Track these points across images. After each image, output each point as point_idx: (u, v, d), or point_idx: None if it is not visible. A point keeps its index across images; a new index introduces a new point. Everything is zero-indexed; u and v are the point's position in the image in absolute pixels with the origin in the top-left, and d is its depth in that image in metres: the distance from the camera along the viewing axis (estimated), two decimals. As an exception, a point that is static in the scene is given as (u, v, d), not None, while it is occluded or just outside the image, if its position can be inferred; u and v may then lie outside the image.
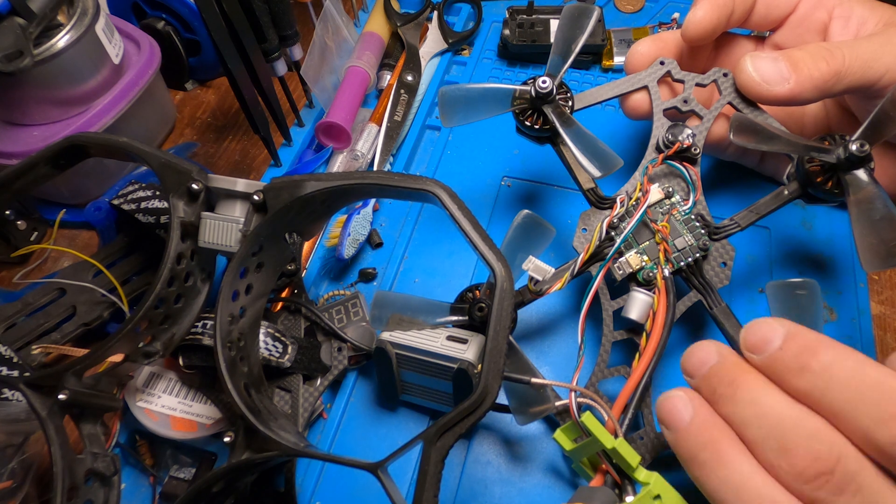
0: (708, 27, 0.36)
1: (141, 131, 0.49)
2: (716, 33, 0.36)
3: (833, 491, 0.22)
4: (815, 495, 0.23)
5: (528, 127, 0.37)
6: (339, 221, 0.42)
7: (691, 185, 0.35)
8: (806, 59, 0.33)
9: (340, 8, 0.50)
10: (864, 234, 0.30)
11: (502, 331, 0.26)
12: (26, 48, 0.38)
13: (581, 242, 0.36)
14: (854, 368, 0.23)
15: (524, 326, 0.40)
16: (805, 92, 0.33)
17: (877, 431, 0.22)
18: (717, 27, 0.36)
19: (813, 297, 0.29)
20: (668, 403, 0.26)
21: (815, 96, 0.33)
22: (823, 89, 0.33)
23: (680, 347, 0.38)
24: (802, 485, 0.23)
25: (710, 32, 0.36)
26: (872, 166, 0.32)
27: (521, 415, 0.33)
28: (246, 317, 0.32)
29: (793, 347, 0.24)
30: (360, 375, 0.38)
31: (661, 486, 0.28)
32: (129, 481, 0.35)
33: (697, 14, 0.36)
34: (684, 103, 0.37)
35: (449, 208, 0.28)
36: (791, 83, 0.33)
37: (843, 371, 0.23)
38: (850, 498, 0.22)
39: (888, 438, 0.21)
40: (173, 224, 0.31)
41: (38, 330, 0.38)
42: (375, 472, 0.25)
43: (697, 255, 0.34)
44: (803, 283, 0.29)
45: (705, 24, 0.36)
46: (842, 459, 0.22)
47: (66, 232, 0.47)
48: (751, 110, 0.36)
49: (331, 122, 0.45)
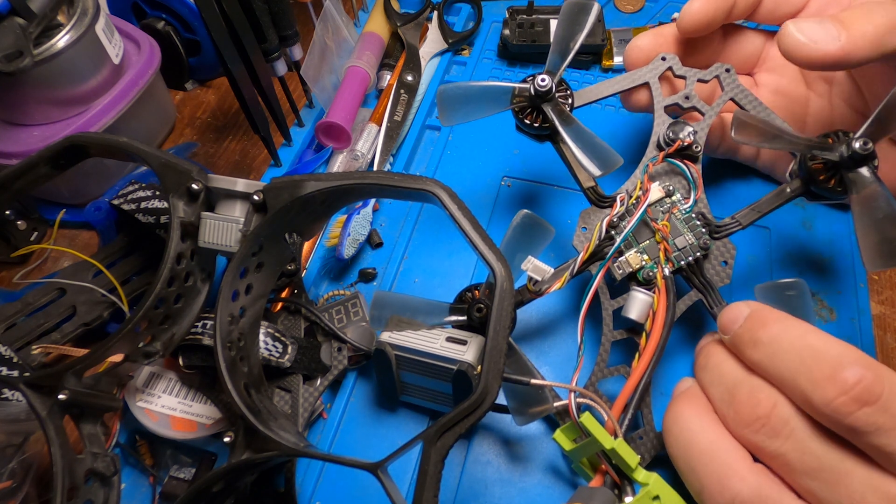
0: (703, 20, 0.35)
1: (141, 131, 0.49)
2: (713, 26, 0.35)
3: (769, 434, 0.25)
4: (755, 438, 0.26)
5: (527, 125, 0.37)
6: (339, 221, 0.42)
7: (692, 183, 0.35)
8: (856, 16, 0.30)
9: (340, 8, 0.50)
10: (867, 233, 0.30)
11: (502, 331, 0.26)
12: (26, 48, 0.38)
13: (581, 241, 0.36)
14: (797, 337, 0.26)
15: (524, 326, 0.40)
16: (858, 50, 0.30)
17: (813, 394, 0.24)
18: (715, 20, 0.35)
19: (802, 297, 0.30)
20: None
21: (870, 54, 0.30)
22: (880, 45, 0.30)
23: (680, 347, 0.38)
24: (743, 429, 0.26)
25: (706, 25, 0.35)
26: (876, 164, 0.31)
27: (521, 415, 0.33)
28: (246, 317, 0.32)
29: (749, 324, 0.27)
30: (359, 375, 0.38)
31: (660, 487, 0.28)
32: (129, 481, 0.35)
33: (694, 5, 0.35)
34: (686, 100, 0.37)
35: (449, 208, 0.28)
36: (842, 40, 0.30)
37: (788, 340, 0.26)
38: (784, 441, 0.25)
39: (821, 399, 0.24)
40: (173, 224, 0.31)
41: (38, 330, 0.38)
42: (375, 472, 0.25)
43: (698, 254, 0.34)
44: (792, 283, 0.30)
45: (701, 16, 0.35)
46: (777, 406, 0.25)
47: (66, 232, 0.47)
48: (753, 107, 0.36)
49: (331, 122, 0.45)
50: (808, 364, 0.24)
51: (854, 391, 0.23)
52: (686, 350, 0.38)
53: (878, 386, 0.23)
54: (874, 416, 0.23)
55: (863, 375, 0.23)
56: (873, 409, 0.23)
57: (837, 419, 0.23)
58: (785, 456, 0.25)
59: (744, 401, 0.26)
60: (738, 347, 0.28)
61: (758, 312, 0.28)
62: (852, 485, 0.23)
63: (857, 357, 0.24)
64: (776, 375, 0.26)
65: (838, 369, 0.23)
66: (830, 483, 0.24)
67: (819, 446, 0.24)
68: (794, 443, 0.25)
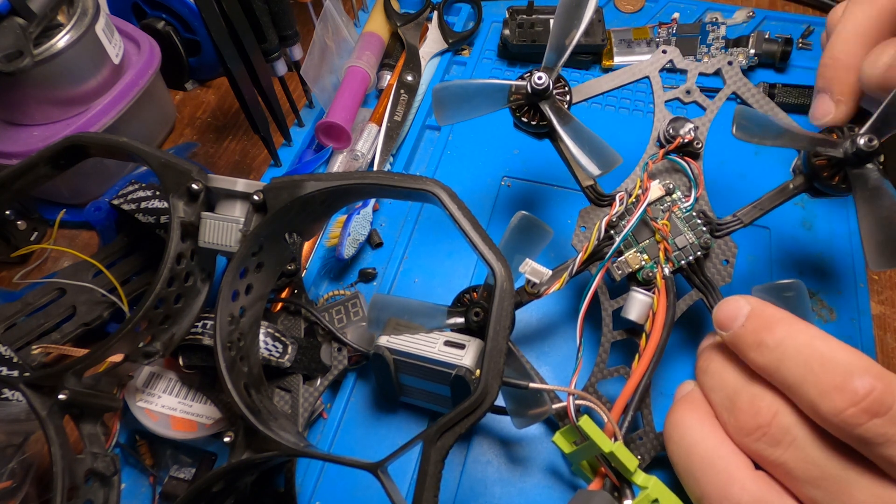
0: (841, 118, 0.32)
1: (141, 131, 0.49)
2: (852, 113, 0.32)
3: (770, 442, 0.25)
4: (755, 447, 0.25)
5: (525, 123, 0.36)
6: (339, 221, 0.41)
7: (693, 180, 0.35)
8: None
9: (340, 8, 0.50)
10: (872, 232, 0.29)
11: (502, 331, 0.26)
12: (26, 48, 0.38)
13: (580, 241, 0.35)
14: (804, 343, 0.25)
15: (523, 327, 0.40)
16: None
17: (821, 403, 0.23)
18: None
19: (800, 297, 0.29)
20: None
21: None
22: None
23: (681, 348, 0.38)
24: (744, 437, 0.26)
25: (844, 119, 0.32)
26: (882, 161, 0.31)
27: (519, 418, 0.32)
28: (246, 317, 0.32)
29: (752, 324, 0.27)
30: (359, 376, 0.38)
31: (659, 490, 0.28)
32: (129, 481, 0.35)
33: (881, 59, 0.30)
34: (687, 94, 0.36)
35: (449, 208, 0.28)
36: None
37: (795, 346, 0.25)
38: (785, 449, 0.24)
39: (829, 409, 0.23)
40: (173, 224, 0.31)
41: (38, 330, 0.38)
42: (375, 472, 0.25)
43: (699, 253, 0.34)
44: (790, 284, 0.30)
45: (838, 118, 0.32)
46: (778, 415, 0.25)
47: (66, 232, 0.47)
48: (755, 101, 0.35)
49: (331, 122, 0.45)
50: (816, 372, 0.24)
51: (864, 402, 0.22)
52: (687, 350, 0.38)
53: (888, 397, 0.22)
54: (885, 428, 0.22)
55: (873, 386, 0.22)
56: (884, 420, 0.22)
57: (847, 430, 0.23)
58: (786, 464, 0.24)
59: (745, 408, 0.26)
60: (740, 348, 0.27)
61: (760, 312, 0.27)
62: (855, 494, 0.23)
63: (867, 366, 0.23)
64: (781, 381, 0.25)
65: (848, 379, 0.23)
66: (832, 492, 0.23)
67: (821, 455, 0.24)
68: (795, 451, 0.24)
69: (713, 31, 0.50)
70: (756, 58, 0.49)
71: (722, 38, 0.50)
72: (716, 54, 0.50)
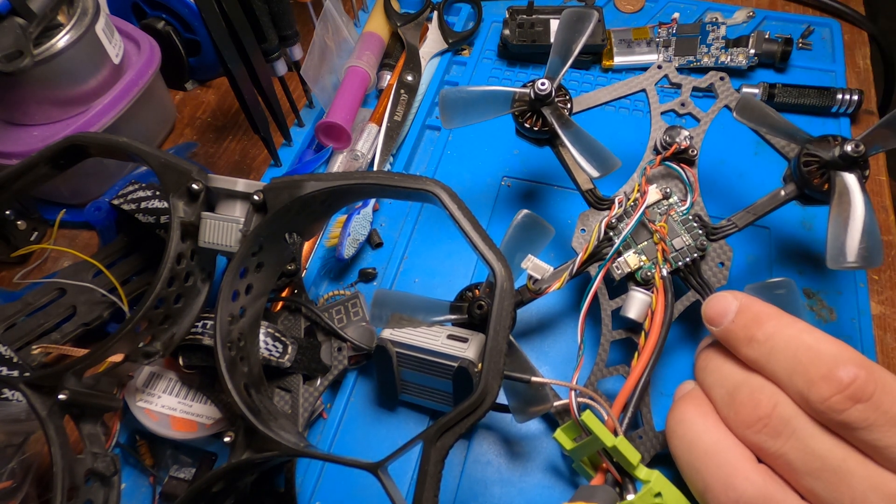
0: None
1: (141, 131, 0.49)
2: None
3: (770, 434, 0.25)
4: (756, 439, 0.26)
5: (527, 129, 0.37)
6: (339, 221, 0.42)
7: (689, 186, 0.36)
8: None
9: (340, 8, 0.50)
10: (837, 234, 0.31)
11: (502, 330, 0.26)
12: (26, 48, 0.38)
13: (580, 243, 0.36)
14: (792, 336, 0.26)
15: (524, 326, 0.40)
16: None
17: (809, 392, 0.24)
18: None
19: (792, 295, 0.30)
20: None
21: None
22: None
23: (679, 346, 0.38)
24: (745, 430, 0.26)
25: None
26: (867, 174, 0.32)
27: (521, 413, 0.33)
28: (246, 317, 0.32)
29: (742, 320, 0.28)
30: (360, 375, 0.38)
31: (661, 484, 0.28)
32: (129, 481, 0.35)
33: None
34: (682, 106, 0.38)
35: (449, 208, 0.28)
36: None
37: (783, 339, 0.26)
38: (785, 441, 0.25)
39: (817, 398, 0.24)
40: (173, 224, 0.31)
41: (38, 330, 0.38)
42: (375, 472, 0.25)
43: (695, 255, 0.34)
44: (781, 282, 0.31)
45: None
46: (777, 407, 0.26)
47: (66, 232, 0.47)
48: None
49: (331, 122, 0.45)
50: (804, 363, 0.25)
51: (848, 390, 0.24)
52: (684, 349, 0.38)
53: (870, 384, 0.24)
54: (867, 413, 0.23)
55: (857, 374, 0.24)
56: (866, 405, 0.23)
57: (832, 416, 0.24)
58: (787, 456, 0.25)
59: (745, 402, 0.26)
60: (732, 343, 0.28)
61: (749, 307, 0.28)
62: (854, 484, 0.24)
63: (851, 356, 0.25)
64: (772, 374, 0.26)
65: (833, 368, 0.24)
66: (832, 483, 0.24)
67: (821, 446, 0.24)
68: (795, 443, 0.25)
69: (713, 31, 0.50)
70: (756, 58, 0.50)
71: (722, 38, 0.50)
72: (716, 54, 0.50)
